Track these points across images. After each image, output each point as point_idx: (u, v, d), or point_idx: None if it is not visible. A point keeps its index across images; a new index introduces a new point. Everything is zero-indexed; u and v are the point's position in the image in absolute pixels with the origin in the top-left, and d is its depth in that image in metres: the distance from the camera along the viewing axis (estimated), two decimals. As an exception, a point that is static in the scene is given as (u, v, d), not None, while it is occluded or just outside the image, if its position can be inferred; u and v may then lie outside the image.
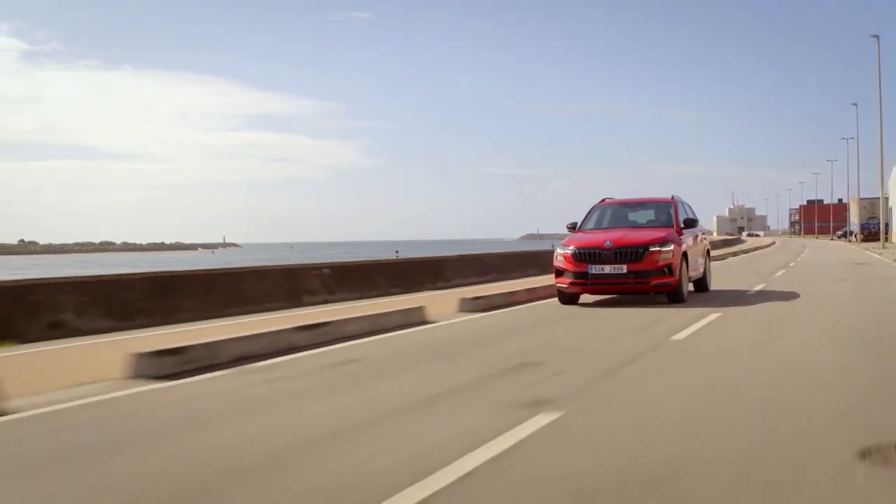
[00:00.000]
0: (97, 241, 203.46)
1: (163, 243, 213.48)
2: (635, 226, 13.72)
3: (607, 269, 12.30)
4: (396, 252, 52.54)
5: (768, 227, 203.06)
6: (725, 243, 61.74)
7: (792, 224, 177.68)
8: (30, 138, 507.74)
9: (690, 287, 14.53)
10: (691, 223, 13.62)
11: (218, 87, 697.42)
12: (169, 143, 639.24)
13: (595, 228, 13.70)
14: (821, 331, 9.15)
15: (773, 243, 72.96)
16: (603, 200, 14.67)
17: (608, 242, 12.44)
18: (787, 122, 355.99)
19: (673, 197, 14.17)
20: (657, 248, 12.33)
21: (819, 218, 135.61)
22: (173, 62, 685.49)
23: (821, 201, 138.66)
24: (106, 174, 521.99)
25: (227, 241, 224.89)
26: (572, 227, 13.93)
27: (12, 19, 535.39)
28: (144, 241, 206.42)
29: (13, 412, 5.51)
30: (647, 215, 14.11)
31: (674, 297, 12.58)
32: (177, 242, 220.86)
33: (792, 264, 27.34)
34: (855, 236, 76.19)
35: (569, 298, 12.95)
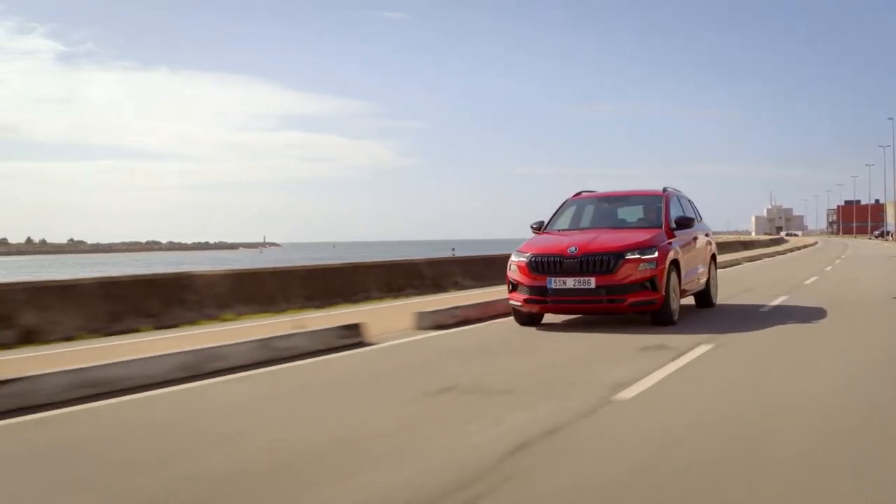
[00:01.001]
0: (143, 240, 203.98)
1: (207, 243, 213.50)
2: (615, 226, 10.58)
3: (571, 282, 9.22)
4: (453, 250, 51.30)
5: (806, 226, 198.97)
6: (773, 242, 65.23)
7: (829, 224, 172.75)
8: (67, 139, 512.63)
9: (691, 301, 11.39)
10: (686, 223, 10.44)
11: (253, 87, 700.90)
12: (205, 143, 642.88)
13: (566, 229, 10.59)
14: (851, 391, 6.02)
15: (816, 243, 74.60)
16: (578, 194, 11.52)
17: (572, 248, 9.35)
18: (826, 125, 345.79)
19: (665, 190, 10.98)
20: (635, 256, 9.22)
21: (857, 218, 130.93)
22: (208, 62, 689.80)
23: (858, 202, 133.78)
24: (144, 174, 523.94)
25: (267, 240, 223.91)
26: (537, 228, 10.85)
27: (48, 21, 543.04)
28: (189, 241, 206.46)
29: None
30: (632, 213, 10.96)
31: (659, 318, 9.47)
32: (220, 242, 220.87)
33: (828, 268, 23.85)
34: (892, 236, 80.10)
35: (527, 318, 9.89)
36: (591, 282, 9.13)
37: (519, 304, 9.66)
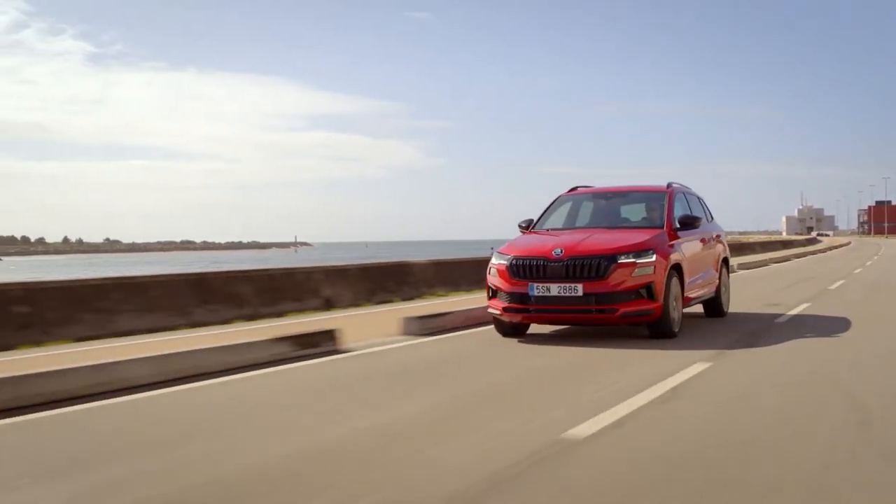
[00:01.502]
0: (178, 240, 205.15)
1: (240, 242, 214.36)
2: (612, 225, 9.32)
3: (555, 289, 7.99)
4: (492, 249, 48.89)
5: (836, 227, 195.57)
6: (809, 241, 68.61)
7: (860, 224, 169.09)
8: (97, 139, 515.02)
9: (699, 309, 10.12)
10: (691, 222, 9.10)
11: (280, 87, 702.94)
12: (233, 144, 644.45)
13: (557, 228, 9.36)
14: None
15: (849, 243, 74.74)
16: (574, 189, 10.28)
17: (558, 250, 8.13)
18: (857, 125, 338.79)
19: (670, 185, 9.69)
20: (629, 260, 7.97)
21: (888, 218, 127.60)
22: (236, 63, 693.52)
23: (889, 202, 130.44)
24: (173, 174, 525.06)
25: (299, 240, 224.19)
26: (525, 227, 9.64)
27: (78, 23, 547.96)
28: (223, 241, 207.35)
29: None
30: (631, 210, 9.68)
31: (657, 330, 8.21)
32: (253, 241, 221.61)
33: (859, 270, 22.28)
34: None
35: (509, 328, 8.69)
36: (578, 289, 7.90)
37: (498, 312, 8.46)
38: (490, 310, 8.58)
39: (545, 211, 9.77)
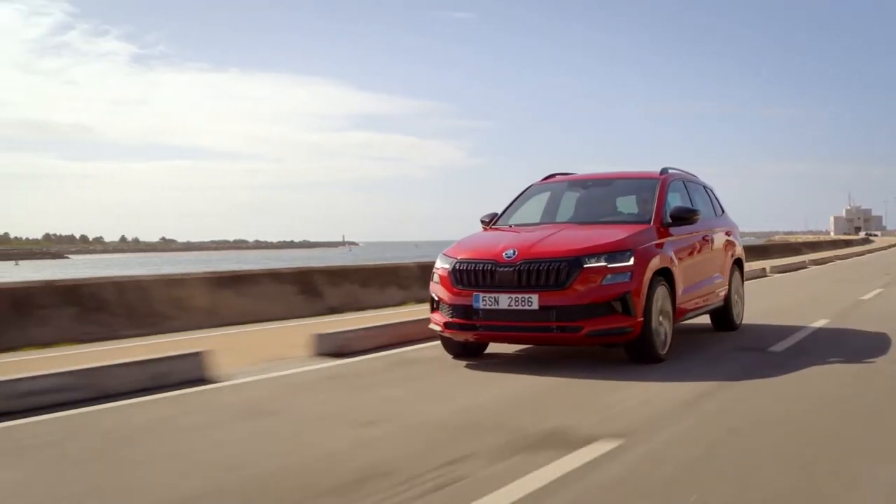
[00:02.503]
0: (231, 239, 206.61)
1: (292, 241, 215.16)
2: (590, 220, 7.38)
3: (505, 300, 6.12)
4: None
5: (884, 227, 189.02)
6: (863, 241, 67.83)
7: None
8: (141, 139, 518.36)
9: (705, 321, 8.16)
10: (687, 216, 7.01)
11: (323, 87, 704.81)
12: (276, 144, 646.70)
13: (524, 224, 7.42)
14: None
15: None
16: (550, 177, 8.31)
17: (509, 251, 6.26)
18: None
19: (665, 171, 7.65)
20: (598, 264, 6.07)
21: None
22: (278, 64, 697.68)
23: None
24: (217, 174, 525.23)
25: (346, 239, 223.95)
26: (488, 221, 7.78)
27: (122, 24, 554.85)
28: (275, 240, 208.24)
29: None
30: (615, 202, 7.72)
31: (637, 352, 6.30)
32: (304, 241, 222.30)
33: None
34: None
35: (459, 348, 6.84)
36: (533, 300, 6.02)
37: (439, 328, 6.62)
38: (431, 325, 6.75)
39: (512, 202, 7.88)
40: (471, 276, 6.32)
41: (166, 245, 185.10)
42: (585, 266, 6.03)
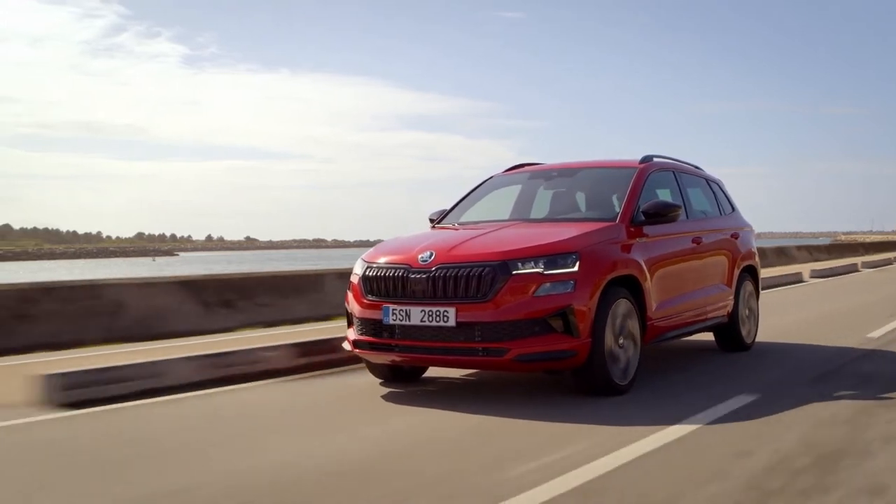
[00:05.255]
0: (310, 238, 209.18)
1: (367, 240, 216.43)
2: (552, 217, 5.89)
3: (417, 314, 4.73)
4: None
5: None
6: None
7: None
8: (193, 140, 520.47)
9: (708, 338, 6.61)
10: (664, 212, 5.43)
11: (372, 87, 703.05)
12: (327, 144, 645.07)
13: (473, 222, 5.91)
14: None
15: None
16: (516, 167, 6.75)
17: (425, 255, 4.87)
18: None
19: (646, 160, 6.03)
20: (531, 270, 4.61)
21: None
22: (328, 64, 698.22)
23: None
24: (268, 174, 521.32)
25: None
26: (436, 220, 6.32)
27: (174, 25, 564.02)
28: (352, 239, 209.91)
29: None
30: (582, 197, 6.19)
31: (585, 382, 4.82)
32: (378, 239, 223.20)
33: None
34: None
35: (387, 370, 5.46)
36: (449, 315, 4.62)
37: (349, 348, 5.27)
38: (344, 344, 5.40)
39: (465, 196, 6.45)
40: (381, 283, 4.96)
41: (251, 244, 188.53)
42: (514, 273, 4.59)
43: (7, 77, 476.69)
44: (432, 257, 4.79)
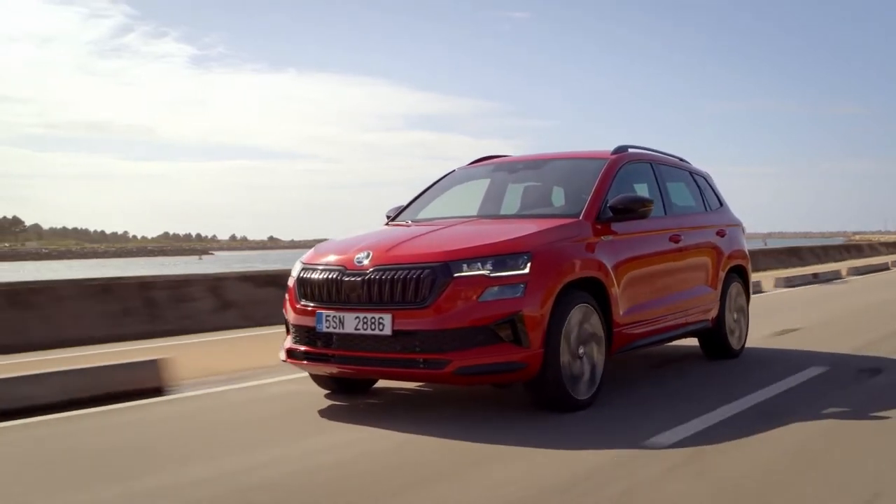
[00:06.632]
0: (330, 237, 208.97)
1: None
2: (516, 213, 5.29)
3: (351, 321, 4.16)
4: (765, 243, 48.21)
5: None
6: None
7: None
8: (200, 140, 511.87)
9: (692, 343, 6.01)
10: (634, 207, 4.79)
11: (378, 87, 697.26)
12: (332, 144, 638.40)
13: (430, 219, 5.27)
14: None
15: None
16: (481, 160, 6.10)
17: (361, 255, 4.30)
18: None
19: (620, 150, 5.38)
20: (475, 273, 4.03)
21: None
22: (335, 64, 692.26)
23: None
24: (275, 174, 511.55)
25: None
26: (392, 216, 5.72)
27: (181, 25, 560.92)
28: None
29: None
30: (547, 192, 5.57)
31: (540, 396, 4.23)
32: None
33: None
34: None
35: (331, 380, 4.89)
36: (385, 322, 4.05)
37: (283, 357, 4.71)
38: (280, 354, 4.84)
39: (424, 191, 5.87)
40: (314, 287, 4.40)
41: (274, 243, 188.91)
42: (456, 275, 4.01)
43: (15, 77, 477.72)
44: (369, 258, 4.23)
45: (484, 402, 4.58)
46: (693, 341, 6.13)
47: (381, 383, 5.09)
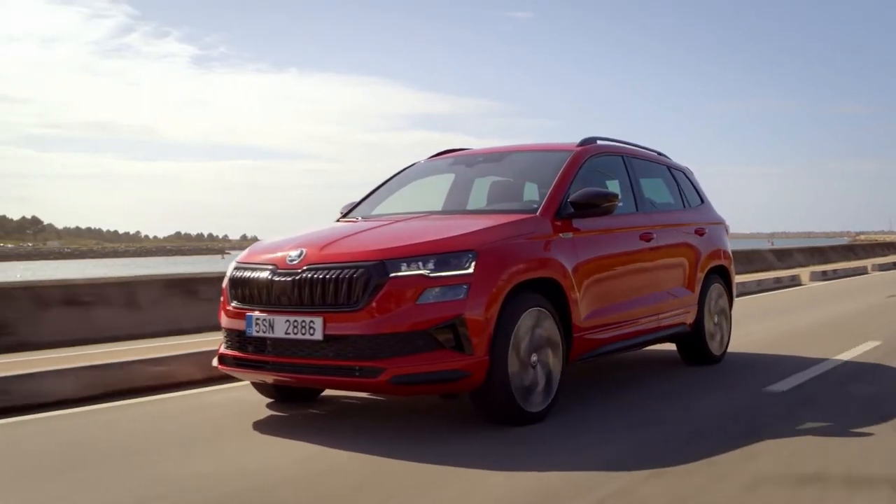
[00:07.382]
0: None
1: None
2: (467, 209, 4.90)
3: (281, 324, 3.78)
4: (771, 242, 49.36)
5: None
6: None
7: None
8: (202, 140, 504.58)
9: (670, 349, 5.60)
10: (597, 202, 4.36)
11: (380, 87, 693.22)
12: (334, 144, 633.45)
13: (386, 214, 4.86)
14: None
15: None
16: (442, 153, 5.67)
17: (293, 253, 3.91)
18: None
19: (586, 142, 4.96)
20: (412, 273, 3.63)
21: None
22: (337, 64, 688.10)
23: None
24: (277, 174, 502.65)
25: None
26: (345, 213, 5.28)
27: (183, 25, 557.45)
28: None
29: None
30: (508, 186, 5.15)
31: (487, 408, 3.81)
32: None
33: None
34: None
35: (272, 389, 4.50)
36: (316, 326, 3.66)
37: (215, 363, 4.32)
38: (213, 361, 4.43)
39: (380, 185, 5.47)
40: (245, 287, 4.03)
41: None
42: (392, 275, 3.62)
43: (16, 77, 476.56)
44: (301, 257, 3.85)
45: (435, 415, 4.19)
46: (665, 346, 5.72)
47: (329, 391, 4.71)
